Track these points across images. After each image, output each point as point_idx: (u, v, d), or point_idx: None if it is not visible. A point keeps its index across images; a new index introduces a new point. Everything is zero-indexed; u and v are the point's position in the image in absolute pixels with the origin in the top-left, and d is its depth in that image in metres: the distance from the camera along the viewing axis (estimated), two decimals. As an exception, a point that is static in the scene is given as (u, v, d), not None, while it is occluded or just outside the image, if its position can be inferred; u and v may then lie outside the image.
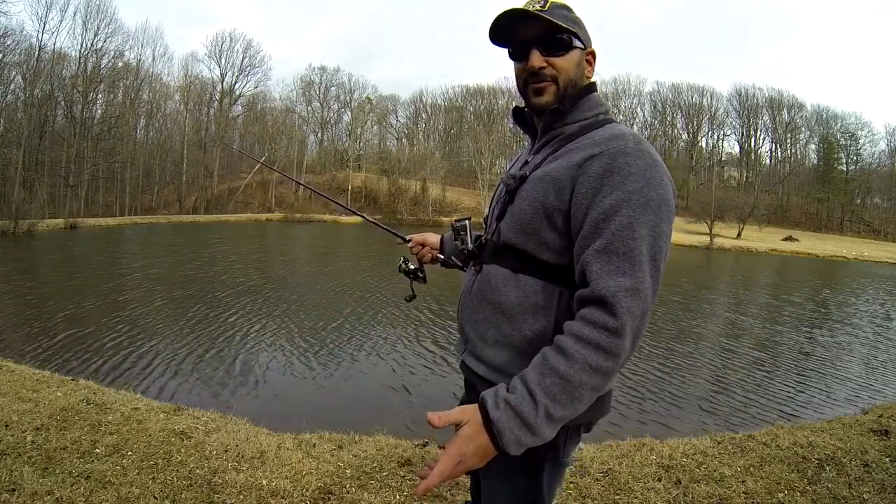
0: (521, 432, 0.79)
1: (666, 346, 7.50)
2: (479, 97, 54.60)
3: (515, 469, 0.99)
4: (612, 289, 0.81)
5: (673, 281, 15.47)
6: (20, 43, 32.73)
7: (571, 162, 0.91)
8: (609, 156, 0.88)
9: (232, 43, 51.37)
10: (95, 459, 2.29)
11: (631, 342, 0.81)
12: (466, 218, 1.16)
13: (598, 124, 0.97)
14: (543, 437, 0.81)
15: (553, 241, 0.93)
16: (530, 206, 0.94)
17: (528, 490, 0.99)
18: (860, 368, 7.12)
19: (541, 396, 0.79)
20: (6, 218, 21.43)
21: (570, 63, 0.99)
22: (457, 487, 2.25)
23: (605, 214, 0.85)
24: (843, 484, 2.36)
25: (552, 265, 0.93)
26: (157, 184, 43.60)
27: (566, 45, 0.98)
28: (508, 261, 0.98)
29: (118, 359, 5.85)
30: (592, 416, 0.99)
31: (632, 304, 0.80)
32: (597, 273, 0.83)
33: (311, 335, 7.27)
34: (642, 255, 0.83)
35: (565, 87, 0.99)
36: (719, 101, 55.76)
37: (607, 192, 0.85)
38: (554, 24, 0.95)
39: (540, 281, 0.94)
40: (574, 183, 0.89)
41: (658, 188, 0.86)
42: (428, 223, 37.45)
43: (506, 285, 0.97)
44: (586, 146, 0.92)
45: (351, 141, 55.78)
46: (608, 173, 0.86)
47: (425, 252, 1.38)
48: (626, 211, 0.84)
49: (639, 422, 4.68)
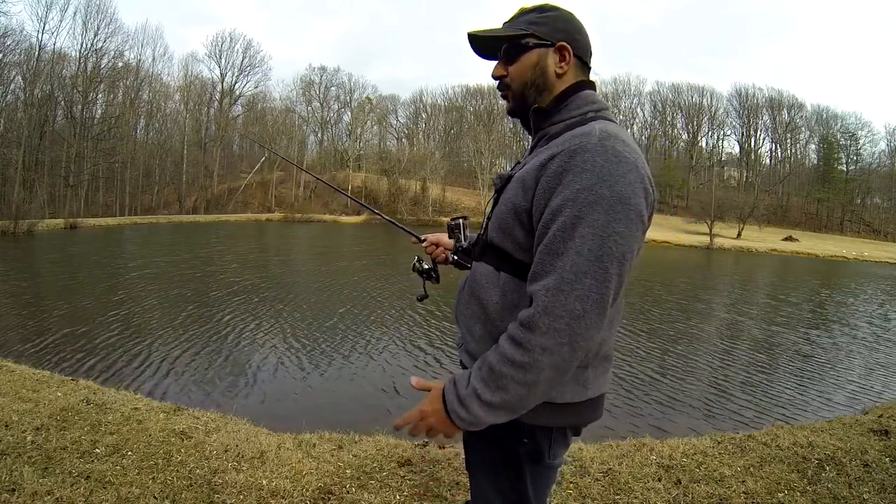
0: (457, 405, 0.87)
1: (666, 347, 7.50)
2: (479, 97, 54.58)
3: (497, 468, 1.01)
4: (535, 288, 0.83)
5: (673, 281, 15.47)
6: (20, 43, 32.80)
7: (538, 162, 0.91)
8: (567, 154, 0.86)
9: (232, 43, 51.41)
10: (95, 459, 2.29)
11: (548, 340, 0.80)
12: (462, 217, 1.17)
13: (582, 122, 0.94)
14: (476, 415, 0.86)
15: (523, 240, 0.94)
16: (506, 206, 0.96)
17: (513, 489, 1.01)
18: (860, 369, 7.12)
19: (475, 379, 0.87)
20: (6, 218, 21.44)
21: (524, 67, 0.99)
22: (457, 487, 2.26)
23: (552, 214, 0.84)
24: (843, 484, 2.36)
25: (524, 264, 0.94)
26: (157, 184, 43.60)
27: (517, 51, 1.00)
28: (493, 259, 1.00)
29: (118, 358, 5.85)
30: (579, 419, 0.99)
31: (550, 303, 0.80)
32: (533, 274, 0.85)
33: (310, 335, 7.27)
34: (579, 256, 0.80)
35: (521, 90, 1.01)
36: (719, 101, 55.79)
37: (559, 192, 0.84)
38: (493, 38, 1.00)
39: (516, 279, 0.95)
40: (537, 183, 0.89)
41: (615, 186, 0.82)
42: (428, 223, 37.45)
43: (489, 282, 0.99)
44: (554, 146, 0.91)
45: (351, 141, 55.76)
46: (563, 172, 0.85)
47: (439, 252, 1.38)
48: (569, 210, 0.82)
49: (639, 422, 4.68)
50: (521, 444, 0.97)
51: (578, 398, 0.96)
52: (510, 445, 0.98)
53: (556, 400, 0.94)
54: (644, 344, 7.52)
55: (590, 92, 1.00)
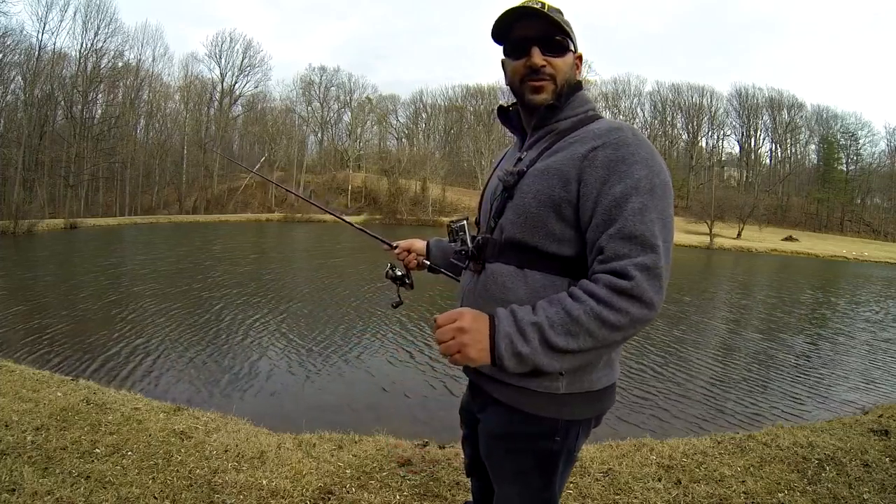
0: (515, 333, 0.84)
1: (665, 347, 7.50)
2: (479, 97, 54.63)
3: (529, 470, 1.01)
4: (626, 264, 0.84)
5: (672, 281, 15.43)
6: (20, 43, 32.78)
7: (576, 154, 0.93)
8: (612, 146, 0.91)
9: (232, 43, 51.45)
10: (95, 459, 2.29)
11: (640, 310, 0.83)
12: (464, 218, 1.16)
13: (589, 119, 1.01)
14: (533, 350, 0.83)
15: (561, 231, 0.95)
16: (535, 199, 0.96)
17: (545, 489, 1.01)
18: (860, 369, 7.11)
19: (541, 314, 0.85)
20: (6, 218, 21.43)
21: (567, 64, 1.03)
22: (457, 487, 2.25)
23: (617, 201, 0.87)
24: (843, 484, 2.36)
25: (560, 257, 0.95)
26: (157, 184, 43.59)
27: (563, 47, 1.01)
28: (513, 257, 0.99)
29: (118, 358, 5.85)
30: (608, 403, 1.03)
31: (643, 277, 0.83)
32: (611, 256, 0.86)
33: (310, 335, 7.27)
34: (655, 238, 0.86)
35: (562, 86, 1.02)
36: (719, 101, 55.80)
37: (615, 181, 0.89)
38: (555, 24, 0.98)
39: (548, 275, 0.95)
40: (581, 174, 0.92)
41: (661, 175, 0.91)
42: (428, 223, 37.44)
43: (513, 282, 0.98)
44: (587, 139, 0.94)
45: (351, 141, 55.76)
46: (614, 163, 0.90)
47: (411, 258, 1.38)
48: (636, 197, 0.87)
49: (639, 422, 4.68)
50: (553, 442, 0.97)
51: (610, 381, 1.01)
52: (543, 447, 0.98)
53: (594, 387, 0.98)
54: (644, 344, 7.52)
55: (584, 92, 1.07)
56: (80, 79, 36.00)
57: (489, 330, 0.86)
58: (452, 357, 0.86)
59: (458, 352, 0.86)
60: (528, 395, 0.95)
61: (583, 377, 0.96)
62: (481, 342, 0.85)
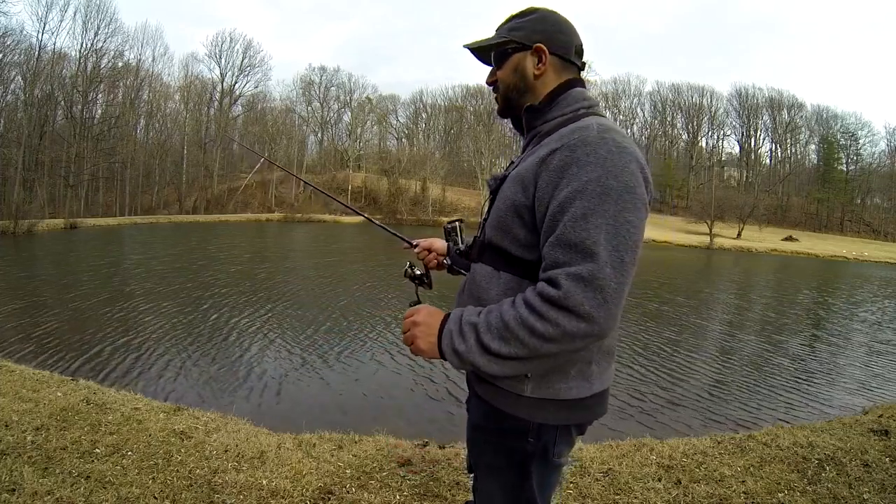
0: (455, 328, 0.89)
1: (665, 347, 7.50)
2: (479, 97, 54.52)
3: (503, 469, 1.01)
4: (558, 273, 0.81)
5: (672, 281, 15.47)
6: (20, 43, 32.76)
7: (536, 158, 0.92)
8: (569, 148, 0.87)
9: (232, 43, 51.43)
10: (95, 459, 2.29)
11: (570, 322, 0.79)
12: (458, 220, 1.20)
13: (575, 119, 0.95)
14: (468, 349, 0.87)
15: (523, 237, 0.95)
16: (504, 204, 0.97)
17: (519, 489, 1.00)
18: (860, 369, 7.11)
19: (482, 316, 0.88)
20: (6, 218, 21.43)
21: (506, 72, 1.05)
22: (457, 487, 2.26)
23: (560, 206, 0.84)
24: (843, 484, 2.36)
25: (525, 261, 0.96)
26: (157, 184, 43.58)
27: (501, 57, 1.06)
28: (491, 259, 1.01)
29: (118, 358, 5.85)
30: (585, 416, 0.99)
31: (576, 288, 0.79)
32: (549, 264, 0.84)
33: (310, 335, 7.27)
34: (597, 246, 0.80)
35: (505, 93, 1.06)
36: (719, 101, 55.84)
37: (564, 185, 0.85)
38: (482, 47, 1.07)
39: (516, 278, 0.96)
40: (537, 178, 0.90)
41: (620, 176, 0.83)
42: (428, 223, 37.41)
43: (489, 283, 1.00)
44: (551, 141, 0.92)
45: (351, 141, 55.74)
46: (567, 165, 0.86)
47: (431, 258, 1.38)
48: (579, 202, 0.82)
49: (639, 422, 4.68)
50: (526, 443, 0.97)
51: (584, 394, 0.97)
52: (516, 445, 0.98)
53: (563, 396, 0.95)
54: (644, 344, 7.52)
55: (580, 90, 1.02)
56: (80, 79, 36.00)
57: (440, 325, 0.92)
58: (411, 349, 0.95)
59: (412, 343, 0.94)
60: (498, 393, 0.97)
61: (550, 384, 0.94)
62: (430, 336, 0.92)
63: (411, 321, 0.95)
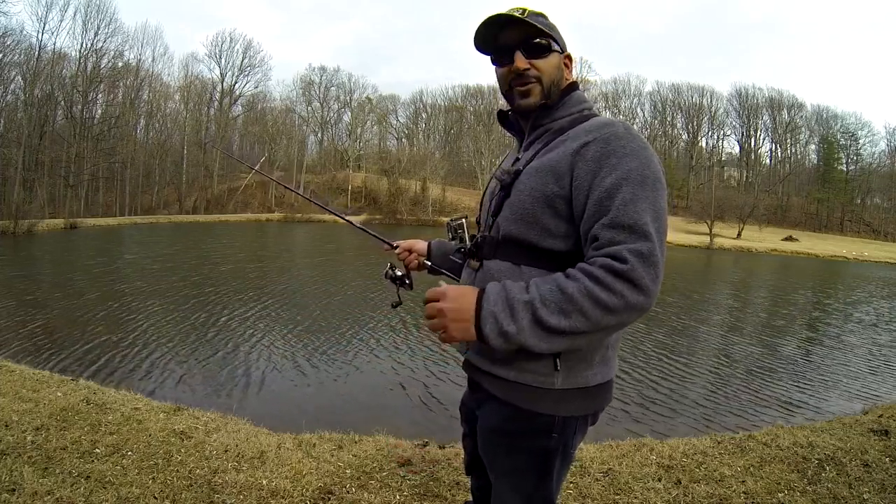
0: (500, 308, 0.85)
1: (665, 347, 7.50)
2: (479, 97, 54.62)
3: (526, 470, 1.00)
4: (622, 248, 0.84)
5: (672, 281, 15.46)
6: (20, 43, 32.80)
7: (568, 150, 0.95)
8: (603, 140, 0.93)
9: (232, 43, 51.47)
10: (95, 459, 2.29)
11: (635, 295, 0.82)
12: (463, 216, 1.18)
13: (584, 118, 1.02)
14: (520, 329, 0.83)
15: (555, 226, 0.96)
16: (529, 196, 0.97)
17: (543, 487, 1.01)
18: (860, 369, 7.11)
19: (534, 291, 0.86)
20: (6, 218, 21.43)
21: (551, 65, 1.04)
22: (457, 487, 2.25)
23: (608, 192, 0.88)
24: (843, 484, 2.36)
25: (555, 252, 0.96)
26: (157, 184, 43.58)
27: (546, 49, 1.03)
28: (510, 254, 1.01)
29: (118, 358, 5.85)
30: (605, 401, 1.03)
31: (639, 262, 0.83)
32: (606, 242, 0.86)
33: (310, 335, 7.27)
34: (647, 226, 0.85)
35: (548, 87, 1.04)
36: (719, 101, 55.87)
37: (606, 173, 0.90)
38: (534, 28, 1.01)
39: (543, 270, 0.96)
40: (573, 169, 0.94)
41: (651, 167, 0.91)
42: (428, 223, 37.43)
43: (510, 278, 0.98)
44: (580, 135, 0.97)
45: (351, 141, 55.76)
46: (604, 156, 0.91)
47: (412, 259, 1.38)
48: (626, 188, 0.88)
49: (639, 422, 4.68)
50: (550, 439, 0.97)
51: (607, 378, 1.01)
52: (540, 444, 0.98)
53: (591, 382, 0.98)
54: (644, 343, 7.52)
55: (579, 92, 1.09)
56: (80, 79, 36.01)
57: (475, 308, 0.87)
58: (440, 337, 0.89)
59: (442, 331, 0.89)
60: (524, 391, 0.96)
61: (579, 372, 0.96)
62: (464, 322, 0.87)
63: (437, 308, 0.89)
